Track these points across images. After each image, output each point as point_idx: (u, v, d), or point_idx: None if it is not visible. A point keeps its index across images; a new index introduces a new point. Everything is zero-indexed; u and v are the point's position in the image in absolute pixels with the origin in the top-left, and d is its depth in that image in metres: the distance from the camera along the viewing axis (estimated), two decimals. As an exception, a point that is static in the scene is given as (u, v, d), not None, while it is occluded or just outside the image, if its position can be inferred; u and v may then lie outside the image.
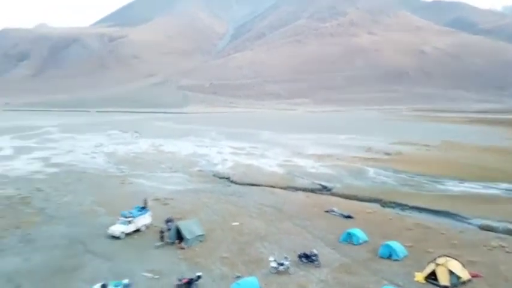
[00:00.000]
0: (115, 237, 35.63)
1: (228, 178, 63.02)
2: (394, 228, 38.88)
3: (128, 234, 36.04)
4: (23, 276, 28.59)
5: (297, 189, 56.08)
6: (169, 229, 35.29)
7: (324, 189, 56.35)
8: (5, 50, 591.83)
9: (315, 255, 30.23)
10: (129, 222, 36.51)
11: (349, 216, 42.02)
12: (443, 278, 26.52)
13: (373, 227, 38.25)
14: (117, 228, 36.02)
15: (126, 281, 26.86)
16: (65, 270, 29.58)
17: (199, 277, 26.67)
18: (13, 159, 79.19)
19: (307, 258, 30.13)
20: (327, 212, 43.92)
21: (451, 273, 26.57)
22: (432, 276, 27.19)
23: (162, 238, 34.69)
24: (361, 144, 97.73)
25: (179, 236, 34.26)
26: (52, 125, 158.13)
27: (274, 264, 28.82)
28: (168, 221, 35.32)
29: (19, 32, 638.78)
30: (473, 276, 27.45)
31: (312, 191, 55.54)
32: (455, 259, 27.80)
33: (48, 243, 34.98)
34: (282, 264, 28.81)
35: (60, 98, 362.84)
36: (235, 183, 60.10)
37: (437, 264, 27.17)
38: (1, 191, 53.59)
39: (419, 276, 27.74)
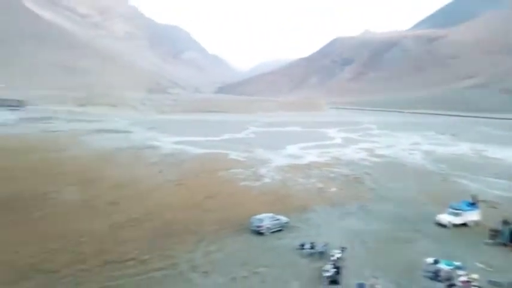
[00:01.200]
0: (441, 225, 37.78)
1: None
2: None
3: (454, 225, 37.41)
4: (366, 235, 35.38)
5: None
6: (500, 230, 34.12)
7: None
8: (333, 57, 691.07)
9: None
10: (457, 214, 37.76)
11: None
12: None
13: None
14: (445, 218, 38.00)
15: (458, 263, 28.62)
16: (398, 240, 34.40)
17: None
18: (343, 147, 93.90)
19: None
20: None
21: None
22: None
23: (493, 237, 34.03)
24: None
25: (513, 240, 32.80)
26: (370, 122, 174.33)
27: None
28: (505, 222, 34.01)
29: (346, 40, 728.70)
30: None
31: None
32: None
33: (381, 216, 41.21)
34: None
35: (376, 98, 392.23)
36: None
37: None
38: (339, 169, 65.77)
39: None
